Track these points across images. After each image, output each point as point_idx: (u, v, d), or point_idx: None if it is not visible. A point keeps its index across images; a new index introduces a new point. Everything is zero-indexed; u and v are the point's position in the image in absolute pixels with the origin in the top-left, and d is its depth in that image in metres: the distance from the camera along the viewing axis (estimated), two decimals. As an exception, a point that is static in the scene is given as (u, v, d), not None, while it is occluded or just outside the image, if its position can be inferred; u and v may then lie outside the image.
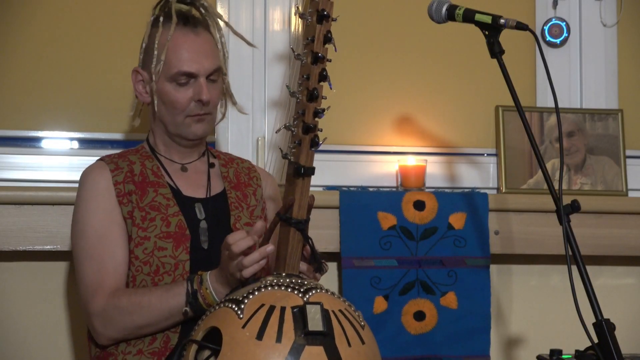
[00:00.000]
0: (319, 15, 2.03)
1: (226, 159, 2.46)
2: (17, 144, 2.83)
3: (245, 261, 2.01)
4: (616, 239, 3.03)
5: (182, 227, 2.26)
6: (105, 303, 2.17)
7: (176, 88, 2.27)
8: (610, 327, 1.96)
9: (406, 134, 3.07)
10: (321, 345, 1.82)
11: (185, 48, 2.27)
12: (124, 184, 2.27)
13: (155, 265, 2.22)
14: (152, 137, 2.38)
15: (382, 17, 3.09)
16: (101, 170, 2.29)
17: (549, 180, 2.06)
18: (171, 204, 2.28)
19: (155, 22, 2.30)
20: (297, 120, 2.03)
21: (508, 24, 2.15)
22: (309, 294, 1.90)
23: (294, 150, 2.04)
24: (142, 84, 2.32)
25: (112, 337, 2.19)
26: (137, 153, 2.36)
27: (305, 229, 2.05)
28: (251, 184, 2.41)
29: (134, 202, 2.25)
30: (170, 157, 2.36)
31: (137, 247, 2.23)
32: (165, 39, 2.26)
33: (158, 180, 2.30)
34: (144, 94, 2.33)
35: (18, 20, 2.83)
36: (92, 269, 2.22)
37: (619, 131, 3.15)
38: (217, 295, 2.08)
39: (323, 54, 2.03)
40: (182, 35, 2.28)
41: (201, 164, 2.39)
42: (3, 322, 2.77)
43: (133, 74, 2.33)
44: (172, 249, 2.23)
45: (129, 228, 2.24)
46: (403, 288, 2.85)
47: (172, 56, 2.26)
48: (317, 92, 2.01)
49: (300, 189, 2.04)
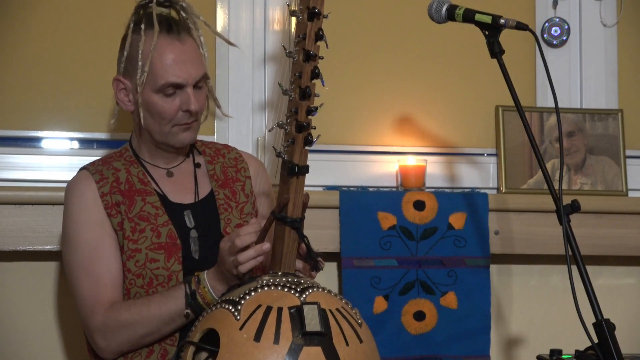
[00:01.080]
0: (309, 12, 2.03)
1: (212, 153, 2.41)
2: (17, 144, 2.83)
3: (240, 257, 2.01)
4: (616, 239, 3.03)
5: (173, 236, 2.23)
6: (106, 318, 2.15)
7: (163, 99, 2.22)
8: (610, 327, 1.96)
9: (406, 134, 3.07)
10: (319, 345, 1.83)
11: (171, 58, 2.21)
12: (110, 195, 2.24)
13: (149, 278, 2.20)
14: (136, 141, 2.34)
15: (382, 17, 3.08)
16: (86, 182, 2.25)
17: (549, 180, 2.06)
18: (160, 212, 2.25)
19: (136, 29, 2.23)
20: (290, 119, 2.03)
21: (508, 24, 2.15)
22: (305, 294, 1.90)
23: (287, 148, 2.04)
24: (125, 92, 2.27)
25: (115, 351, 2.18)
26: (120, 158, 2.32)
27: (301, 227, 2.05)
28: (239, 178, 2.38)
29: (122, 214, 2.23)
30: (155, 163, 2.32)
31: (129, 260, 2.21)
32: (149, 49, 2.20)
33: (145, 188, 2.27)
34: (127, 103, 2.27)
35: (18, 20, 2.83)
36: (89, 283, 2.20)
37: (619, 131, 3.15)
38: (215, 292, 2.08)
39: (315, 51, 2.03)
40: (167, 44, 2.21)
41: (187, 166, 2.36)
42: (3, 322, 2.77)
43: (114, 83, 2.28)
44: (165, 260, 2.21)
45: (120, 240, 2.22)
46: (403, 288, 2.85)
47: (157, 66, 2.20)
48: (310, 90, 2.01)
49: (294, 188, 2.04)
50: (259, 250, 2.02)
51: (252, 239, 2.03)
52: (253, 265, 2.03)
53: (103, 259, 2.20)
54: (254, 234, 2.03)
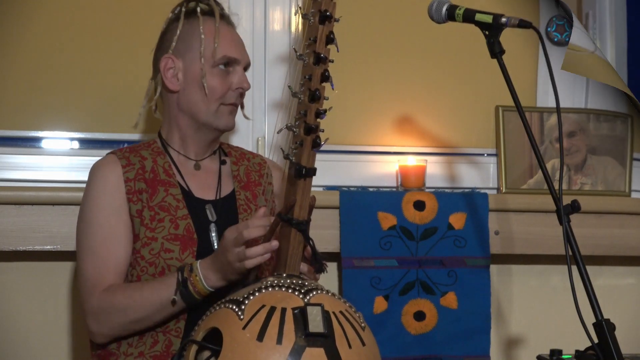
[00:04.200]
0: (321, 15, 2.02)
1: (237, 155, 2.45)
2: (17, 144, 2.83)
3: (249, 252, 2.01)
4: (616, 239, 3.03)
5: (190, 230, 2.25)
6: (100, 300, 2.16)
7: (219, 74, 2.30)
8: (610, 327, 1.96)
9: (406, 134, 3.07)
10: (322, 347, 1.82)
11: (229, 36, 2.33)
12: (134, 182, 2.26)
13: (161, 267, 2.21)
14: (167, 131, 2.37)
15: (382, 17, 3.09)
16: (113, 166, 2.28)
17: (549, 180, 2.05)
18: (180, 205, 2.27)
19: (191, 13, 2.33)
20: (299, 121, 2.02)
21: (510, 22, 2.13)
22: (309, 295, 1.90)
23: (295, 150, 2.03)
24: (173, 71, 2.32)
25: (106, 334, 2.18)
26: (148, 148, 2.35)
27: (307, 229, 2.05)
28: (261, 183, 2.40)
29: (144, 201, 2.25)
30: (185, 152, 2.35)
31: (143, 247, 2.22)
32: (211, 27, 2.30)
33: (169, 180, 2.30)
34: (175, 82, 2.32)
35: (18, 20, 2.83)
36: (94, 265, 2.21)
37: (627, 133, 3.15)
38: (207, 282, 2.08)
39: (325, 54, 2.02)
40: (223, 26, 2.33)
41: (213, 162, 2.39)
42: (3, 322, 2.77)
43: (163, 61, 2.32)
44: (179, 251, 2.22)
45: (136, 226, 2.24)
46: (403, 288, 2.85)
47: (219, 43, 2.29)
48: (319, 93, 2.01)
49: (301, 190, 2.03)
50: (268, 248, 2.02)
51: (261, 232, 2.02)
52: (259, 262, 2.02)
53: (113, 244, 2.22)
54: (263, 228, 2.02)
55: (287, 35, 2.98)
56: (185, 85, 2.31)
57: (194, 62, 2.30)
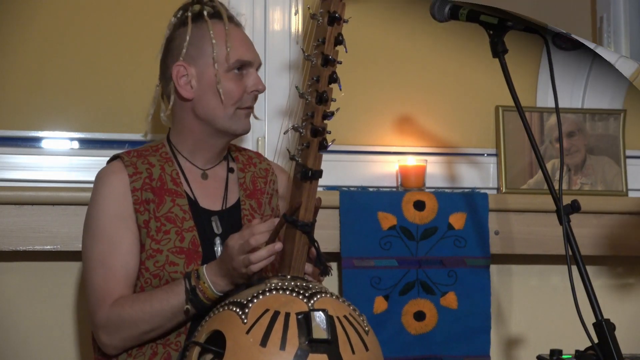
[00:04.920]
0: (330, 17, 2.01)
1: (244, 160, 2.42)
2: (17, 144, 2.83)
3: (253, 257, 2.00)
4: (616, 239, 3.03)
5: (196, 243, 2.22)
6: (110, 313, 2.14)
7: (233, 78, 2.26)
8: (610, 327, 1.96)
9: (406, 134, 3.07)
10: (325, 353, 1.81)
11: (239, 38, 2.29)
12: (141, 191, 2.23)
13: (165, 280, 2.19)
14: (179, 137, 2.32)
15: (382, 17, 3.08)
16: (119, 174, 2.24)
17: (549, 180, 2.05)
18: (187, 217, 2.24)
19: (198, 17, 2.28)
20: (306, 123, 2.00)
21: (516, 26, 2.12)
22: (313, 299, 1.88)
23: (301, 152, 2.01)
24: (185, 79, 2.27)
25: (119, 346, 2.17)
26: (156, 153, 2.31)
27: (312, 231, 2.04)
28: (267, 190, 2.38)
29: (150, 212, 2.22)
30: (193, 161, 2.32)
31: (148, 259, 2.20)
32: (221, 31, 2.25)
33: (176, 189, 2.26)
34: (188, 90, 2.27)
35: (18, 20, 2.82)
36: (103, 277, 2.18)
37: (620, 131, 3.15)
38: (216, 287, 2.07)
39: (333, 56, 2.01)
40: (233, 28, 2.29)
41: (221, 170, 2.35)
42: (3, 322, 2.77)
43: (175, 69, 2.26)
44: (184, 265, 2.20)
45: (142, 237, 2.21)
46: (403, 288, 2.85)
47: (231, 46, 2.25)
48: (327, 95, 1.98)
49: (307, 192, 2.02)
50: (271, 250, 2.01)
51: (266, 238, 2.01)
52: (265, 265, 2.02)
53: (121, 255, 2.19)
54: (267, 234, 2.02)
55: (287, 35, 2.98)
56: (200, 93, 2.26)
57: (207, 68, 2.25)
